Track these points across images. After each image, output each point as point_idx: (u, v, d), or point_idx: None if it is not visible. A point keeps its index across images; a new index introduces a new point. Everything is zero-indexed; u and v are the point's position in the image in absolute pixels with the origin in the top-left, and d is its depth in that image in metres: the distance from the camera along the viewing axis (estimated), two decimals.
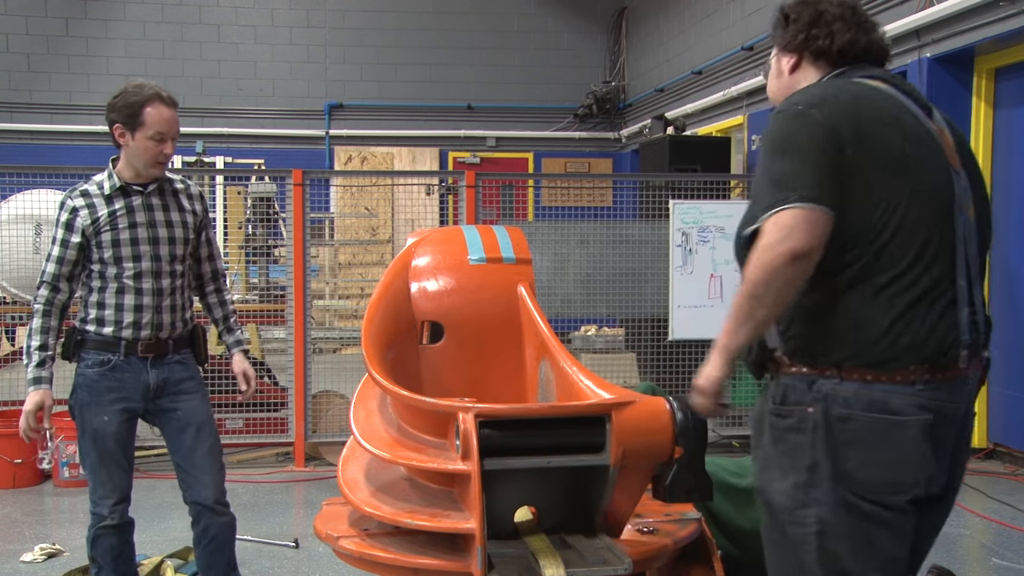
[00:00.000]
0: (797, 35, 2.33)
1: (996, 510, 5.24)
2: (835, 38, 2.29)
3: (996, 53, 6.34)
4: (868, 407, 2.09)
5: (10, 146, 11.97)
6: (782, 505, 2.18)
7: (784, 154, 2.10)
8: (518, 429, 2.01)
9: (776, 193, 2.05)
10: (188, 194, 3.48)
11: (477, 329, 2.64)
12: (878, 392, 2.09)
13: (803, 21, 2.32)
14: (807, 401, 2.14)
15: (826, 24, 2.30)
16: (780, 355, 2.21)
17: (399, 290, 2.64)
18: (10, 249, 5.98)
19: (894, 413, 2.09)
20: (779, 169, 2.09)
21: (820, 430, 2.11)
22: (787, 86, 2.36)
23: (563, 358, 2.33)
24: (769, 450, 2.22)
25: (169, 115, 3.27)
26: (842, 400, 2.10)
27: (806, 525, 2.14)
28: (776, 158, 2.12)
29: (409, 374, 2.56)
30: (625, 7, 13.29)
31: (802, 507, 2.14)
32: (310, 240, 6.51)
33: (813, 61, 2.33)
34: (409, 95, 13.22)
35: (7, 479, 5.76)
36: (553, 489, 2.12)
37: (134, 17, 12.76)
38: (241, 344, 3.63)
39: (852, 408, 2.10)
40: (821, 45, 2.30)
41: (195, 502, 3.39)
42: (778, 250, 2.01)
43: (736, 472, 3.31)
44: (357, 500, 2.16)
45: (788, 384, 2.19)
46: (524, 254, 2.71)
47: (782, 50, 2.38)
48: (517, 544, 2.06)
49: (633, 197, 8.66)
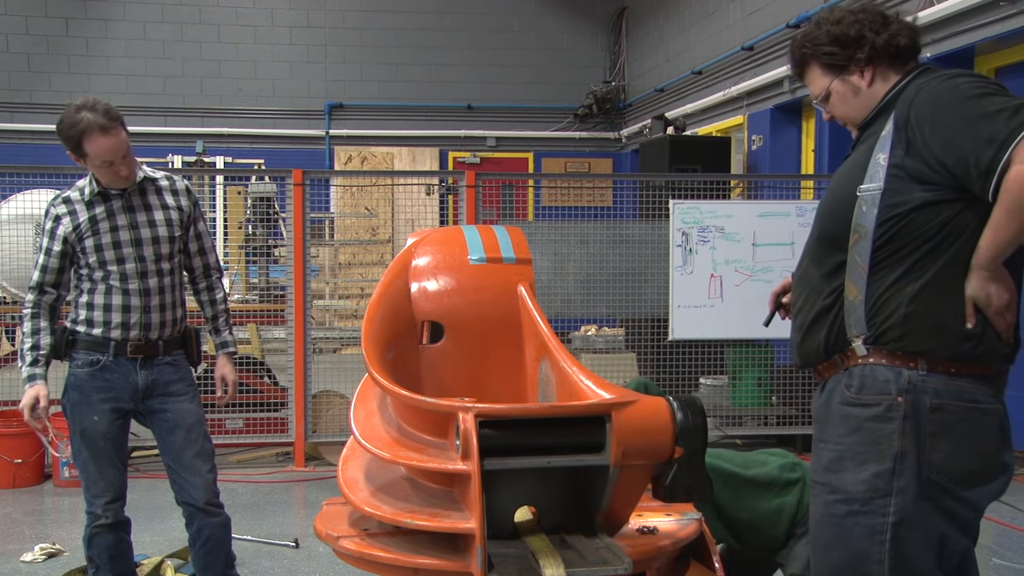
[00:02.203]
0: (867, 46, 2.35)
1: (996, 510, 5.23)
2: (902, 35, 2.35)
3: (996, 53, 6.35)
4: (957, 397, 2.16)
5: (10, 146, 11.97)
6: (857, 494, 2.21)
7: (988, 95, 2.11)
8: (518, 429, 2.01)
9: (1014, 119, 2.04)
10: (173, 190, 3.45)
11: (477, 329, 2.64)
12: (964, 383, 2.16)
13: (864, 32, 2.35)
14: (895, 391, 2.18)
15: (883, 26, 2.35)
16: (859, 344, 2.23)
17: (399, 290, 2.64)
18: (10, 249, 5.99)
19: (977, 403, 2.17)
20: (996, 103, 2.09)
21: (910, 420, 2.16)
22: (871, 98, 2.37)
23: (563, 358, 2.33)
24: (845, 440, 2.24)
25: (109, 144, 3.16)
26: (932, 391, 2.16)
27: (884, 515, 2.18)
28: (980, 100, 2.11)
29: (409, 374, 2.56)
30: (625, 7, 13.30)
31: (882, 496, 2.18)
32: (310, 240, 6.51)
33: (889, 64, 2.36)
34: (409, 95, 13.22)
35: (7, 479, 5.76)
36: (553, 489, 2.12)
37: (134, 17, 12.76)
38: (227, 346, 3.61)
39: (942, 398, 2.16)
40: (896, 46, 2.34)
41: (186, 503, 3.40)
42: None
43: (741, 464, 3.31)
44: (357, 500, 2.16)
45: (866, 374, 2.22)
46: (524, 254, 2.71)
47: (846, 69, 2.38)
48: (517, 544, 2.06)
49: (633, 197, 8.66)
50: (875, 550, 2.19)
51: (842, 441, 2.25)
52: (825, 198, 2.44)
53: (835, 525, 2.25)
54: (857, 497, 2.21)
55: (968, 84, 2.15)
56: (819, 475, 2.32)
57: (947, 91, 2.17)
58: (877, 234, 2.20)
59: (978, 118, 2.08)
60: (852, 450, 2.23)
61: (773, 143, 8.79)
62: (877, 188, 2.21)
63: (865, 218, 2.22)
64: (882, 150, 2.23)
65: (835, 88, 2.41)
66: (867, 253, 2.21)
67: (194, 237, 3.51)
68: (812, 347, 2.37)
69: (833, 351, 2.31)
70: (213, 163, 12.49)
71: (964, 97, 2.13)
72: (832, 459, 2.28)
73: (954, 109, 2.13)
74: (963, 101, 2.13)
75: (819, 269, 2.36)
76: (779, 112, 8.75)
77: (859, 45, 2.35)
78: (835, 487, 2.26)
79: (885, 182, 2.20)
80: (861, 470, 2.20)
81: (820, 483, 2.31)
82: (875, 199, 2.21)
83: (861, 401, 2.22)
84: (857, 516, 2.21)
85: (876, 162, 2.23)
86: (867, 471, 2.19)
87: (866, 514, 2.20)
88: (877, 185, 2.21)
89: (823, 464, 2.31)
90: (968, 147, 2.08)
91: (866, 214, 2.22)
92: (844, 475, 2.23)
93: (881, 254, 2.21)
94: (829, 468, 2.28)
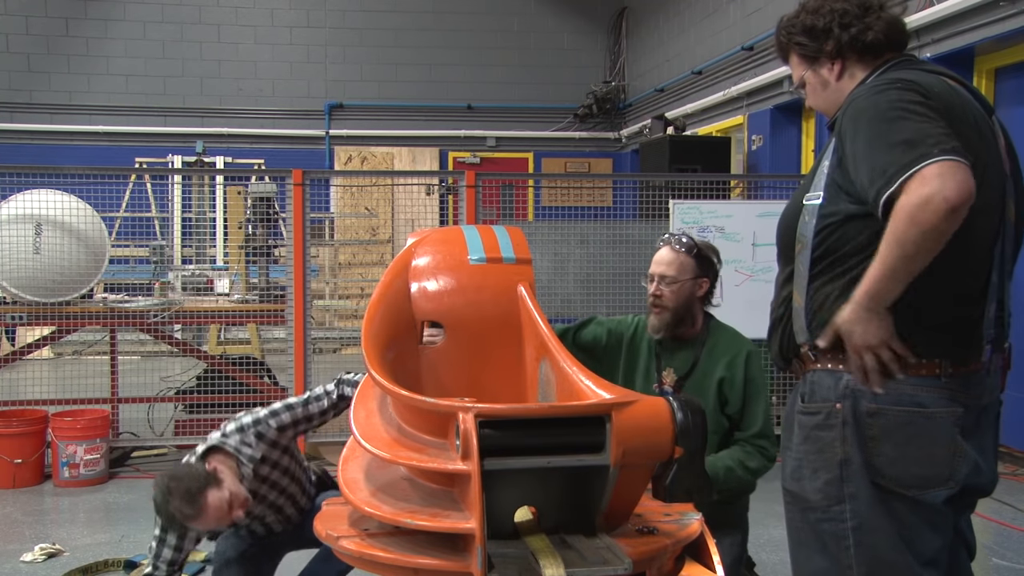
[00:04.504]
0: (833, 40, 2.29)
1: (996, 510, 5.23)
2: (872, 30, 2.27)
3: (996, 53, 6.34)
4: (897, 401, 2.09)
5: (10, 146, 11.97)
6: (816, 503, 2.19)
7: (900, 119, 2.02)
8: (518, 429, 2.01)
9: (908, 153, 1.95)
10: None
11: (477, 329, 2.63)
12: (907, 386, 2.09)
13: (832, 25, 2.29)
14: (834, 397, 2.15)
15: (856, 18, 2.28)
16: (806, 351, 2.21)
17: (399, 290, 2.64)
18: (10, 249, 5.98)
19: (922, 406, 2.10)
20: (902, 132, 1.99)
21: (849, 425, 2.12)
22: (838, 92, 2.32)
23: (563, 358, 2.33)
24: (799, 449, 2.23)
25: (208, 521, 3.02)
26: (870, 395, 2.10)
27: (842, 521, 2.15)
28: (891, 124, 2.02)
29: (409, 374, 2.56)
30: (625, 7, 13.30)
31: (836, 503, 2.15)
32: (310, 240, 6.50)
33: (857, 60, 2.30)
34: (409, 95, 13.22)
35: (7, 479, 5.76)
36: (553, 489, 2.12)
37: (134, 17, 12.76)
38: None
39: (880, 403, 2.10)
40: (863, 42, 2.27)
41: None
42: (932, 206, 1.88)
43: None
44: (357, 500, 2.15)
45: (815, 381, 2.20)
46: (524, 254, 2.71)
47: (817, 61, 2.33)
48: (517, 544, 2.06)
49: (633, 197, 8.66)
50: (843, 555, 2.16)
51: (799, 449, 2.24)
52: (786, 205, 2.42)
53: (812, 531, 2.23)
54: (817, 505, 2.19)
55: (888, 104, 2.06)
56: (787, 483, 2.30)
57: (868, 109, 2.09)
58: (814, 243, 2.19)
59: (881, 145, 2.01)
60: (807, 459, 2.21)
61: (773, 143, 8.79)
62: (817, 198, 2.19)
63: (807, 228, 2.21)
64: (827, 158, 2.21)
65: (808, 79, 2.38)
66: (807, 262, 2.20)
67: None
68: (774, 352, 2.39)
69: (789, 356, 2.31)
70: (213, 163, 12.49)
71: (878, 119, 2.05)
72: (793, 468, 2.26)
73: (867, 129, 2.06)
74: (876, 123, 2.05)
75: (780, 276, 2.37)
76: (779, 112, 8.75)
77: (827, 38, 2.30)
78: (798, 496, 2.25)
79: (824, 192, 2.18)
80: (815, 478, 2.19)
81: (787, 491, 2.29)
82: (815, 209, 2.19)
83: (808, 409, 2.21)
84: (823, 523, 2.19)
85: (821, 171, 2.22)
86: (819, 479, 2.17)
87: (828, 521, 2.18)
88: (817, 195, 2.19)
89: (788, 472, 2.29)
90: (865, 175, 2.03)
91: (807, 224, 2.21)
92: (804, 483, 2.22)
93: (818, 264, 2.19)
94: (792, 476, 2.27)
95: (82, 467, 5.82)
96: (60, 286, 6.08)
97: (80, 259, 6.18)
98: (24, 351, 7.01)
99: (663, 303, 3.23)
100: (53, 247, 6.06)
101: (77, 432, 5.83)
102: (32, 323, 6.34)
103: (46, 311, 6.14)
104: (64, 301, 6.15)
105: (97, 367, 7.13)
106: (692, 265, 3.24)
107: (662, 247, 3.29)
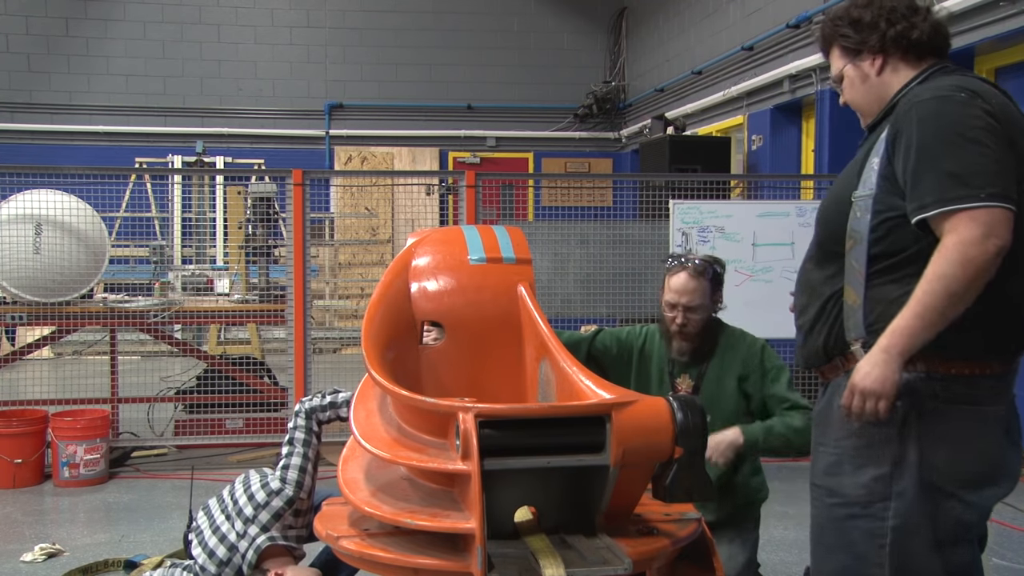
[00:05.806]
0: (879, 33, 2.30)
1: (996, 510, 5.17)
2: (918, 29, 2.28)
3: (996, 53, 6.34)
4: (956, 399, 2.13)
5: (10, 146, 11.97)
6: (855, 498, 2.19)
7: (956, 145, 2.06)
8: (518, 429, 2.01)
9: (952, 189, 2.01)
10: None
11: (477, 329, 2.63)
12: (964, 385, 2.13)
13: (879, 20, 2.30)
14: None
15: (903, 17, 2.29)
16: (858, 347, 2.21)
17: (399, 290, 2.64)
18: (10, 249, 5.98)
19: (978, 404, 2.14)
20: (953, 161, 2.04)
21: (909, 423, 2.14)
22: (878, 87, 2.33)
23: (563, 358, 2.33)
24: (842, 444, 2.23)
25: None
26: (931, 393, 2.13)
27: (883, 519, 2.16)
28: (947, 148, 2.06)
29: (409, 374, 2.56)
30: (625, 7, 13.29)
31: (880, 500, 2.16)
32: (310, 240, 6.50)
33: (901, 57, 2.31)
34: (409, 95, 13.22)
35: (7, 479, 5.76)
36: (553, 489, 2.12)
37: (134, 17, 12.76)
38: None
39: (941, 401, 2.13)
40: (908, 39, 2.28)
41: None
42: (984, 247, 1.97)
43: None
44: (357, 500, 2.16)
45: None
46: (524, 254, 2.71)
47: (859, 54, 2.34)
48: (517, 544, 2.06)
49: (633, 197, 8.65)
50: (875, 554, 2.17)
51: (840, 444, 2.24)
52: (824, 201, 2.42)
53: (836, 528, 2.24)
54: (856, 501, 2.20)
55: (949, 122, 2.09)
56: (818, 478, 2.31)
57: (929, 119, 2.11)
58: (871, 239, 2.19)
59: (929, 167, 2.06)
60: (850, 453, 2.22)
61: (773, 143, 8.79)
62: (869, 194, 2.20)
63: (859, 223, 2.21)
64: (876, 154, 2.21)
65: (847, 72, 2.38)
66: (863, 258, 2.20)
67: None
68: (813, 349, 2.37)
69: (833, 354, 2.31)
70: (213, 163, 12.49)
71: (939, 136, 2.08)
72: (831, 463, 2.27)
73: (925, 143, 2.09)
74: (935, 140, 2.08)
75: (820, 272, 2.36)
76: (779, 112, 8.75)
77: (872, 32, 2.31)
78: (834, 491, 2.25)
79: (876, 188, 2.19)
80: (860, 474, 2.19)
81: (819, 486, 2.30)
82: (868, 205, 2.19)
83: None
84: (857, 520, 2.20)
85: (870, 166, 2.22)
86: (865, 475, 2.18)
87: (865, 518, 2.18)
88: (869, 190, 2.20)
89: (822, 468, 2.30)
90: (912, 190, 2.09)
91: (860, 219, 2.21)
92: (843, 479, 2.22)
93: (878, 260, 2.20)
94: (828, 472, 2.27)
95: (82, 467, 5.82)
96: (60, 286, 6.08)
97: (80, 259, 6.18)
98: (24, 351, 7.01)
99: (690, 330, 3.25)
100: (53, 247, 6.06)
101: (77, 432, 5.83)
102: (32, 323, 6.34)
103: (46, 311, 6.14)
104: (64, 301, 6.15)
105: (97, 367, 7.13)
106: (709, 286, 3.29)
107: (678, 272, 3.28)
